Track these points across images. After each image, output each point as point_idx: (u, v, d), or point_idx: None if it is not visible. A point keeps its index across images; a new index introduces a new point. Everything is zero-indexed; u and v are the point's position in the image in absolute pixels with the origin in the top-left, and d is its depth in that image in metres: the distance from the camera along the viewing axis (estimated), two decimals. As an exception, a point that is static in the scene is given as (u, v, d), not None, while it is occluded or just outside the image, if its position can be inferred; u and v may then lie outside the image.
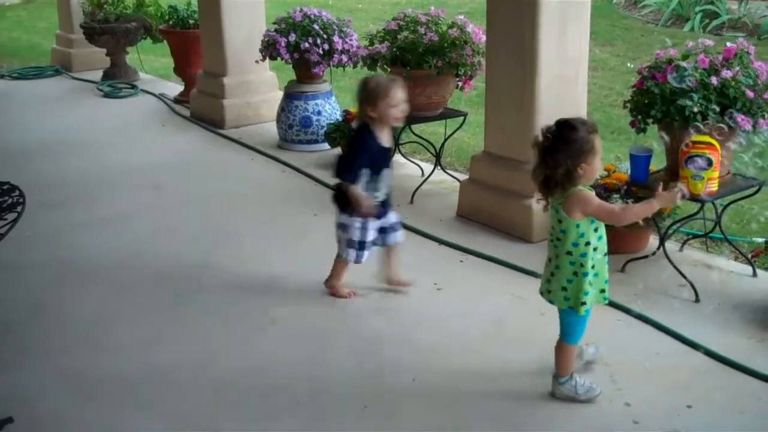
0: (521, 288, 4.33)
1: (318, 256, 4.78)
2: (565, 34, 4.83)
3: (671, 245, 4.62)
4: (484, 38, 5.34)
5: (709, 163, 3.99)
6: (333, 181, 4.25)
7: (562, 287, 3.25)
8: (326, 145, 6.54)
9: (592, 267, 3.22)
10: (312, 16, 6.58)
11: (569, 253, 3.21)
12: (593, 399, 3.35)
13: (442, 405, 3.41)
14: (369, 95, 3.96)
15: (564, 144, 3.11)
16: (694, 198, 4.06)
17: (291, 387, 3.55)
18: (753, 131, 4.18)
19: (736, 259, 4.67)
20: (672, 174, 4.26)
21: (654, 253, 4.45)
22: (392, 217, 4.25)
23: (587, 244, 3.19)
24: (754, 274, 4.42)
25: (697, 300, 4.16)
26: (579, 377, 3.37)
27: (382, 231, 4.21)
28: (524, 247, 4.79)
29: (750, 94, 4.16)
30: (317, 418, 3.35)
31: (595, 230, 3.22)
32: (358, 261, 4.18)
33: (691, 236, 4.82)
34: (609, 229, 3.32)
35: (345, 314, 4.16)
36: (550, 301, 3.33)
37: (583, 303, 3.22)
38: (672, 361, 3.67)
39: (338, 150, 6.37)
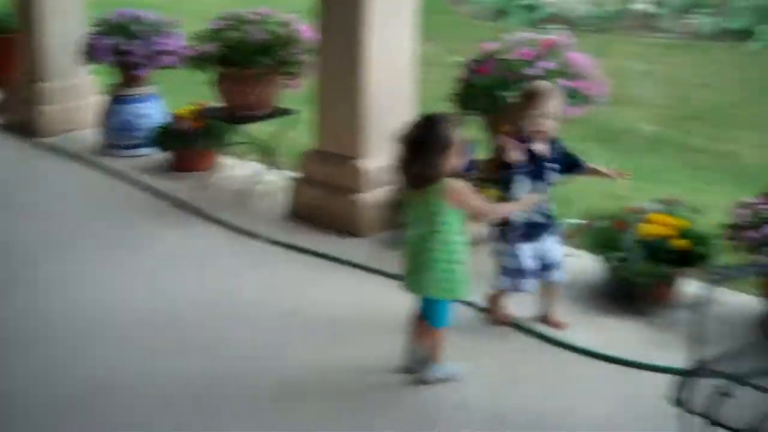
0: (355, 282, 4.39)
1: (147, 266, 4.69)
2: (393, 30, 4.91)
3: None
4: (312, 36, 5.35)
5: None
6: None
7: (439, 279, 3.31)
8: (154, 150, 6.37)
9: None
10: (134, 17, 6.41)
11: (449, 243, 3.29)
12: (459, 378, 3.48)
13: (268, 408, 3.38)
14: (520, 100, 3.72)
15: (433, 139, 3.19)
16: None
17: (117, 399, 3.45)
18: (569, 118, 4.39)
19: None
20: (496, 164, 4.41)
21: (481, 241, 4.59)
22: (554, 251, 3.83)
23: (462, 234, 3.31)
24: (572, 254, 4.60)
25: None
26: (445, 362, 3.48)
27: (545, 266, 3.83)
28: (355, 242, 4.85)
29: (566, 83, 4.36)
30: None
31: (466, 221, 3.36)
32: (516, 289, 3.83)
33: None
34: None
35: (172, 323, 4.05)
36: (423, 295, 3.38)
37: (461, 289, 3.36)
38: (497, 343, 3.81)
39: (168, 154, 6.25)
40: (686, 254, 3.92)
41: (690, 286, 4.02)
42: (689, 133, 7.01)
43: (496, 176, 3.76)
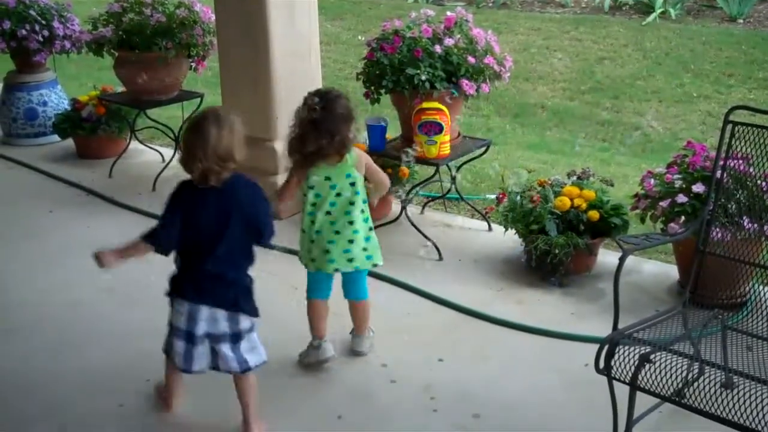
0: (272, 265, 4.33)
1: (53, 256, 4.54)
2: (294, 10, 4.85)
3: (413, 209, 4.80)
4: (213, 17, 5.25)
5: (440, 128, 4.18)
6: None
7: (363, 248, 3.33)
8: (56, 137, 6.18)
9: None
10: (27, 2, 6.19)
11: (363, 210, 3.31)
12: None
13: (199, 394, 3.31)
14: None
15: (333, 113, 3.17)
16: (429, 162, 4.26)
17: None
18: (476, 95, 4.43)
19: (472, 216, 4.93)
20: (407, 141, 4.43)
21: (398, 218, 4.61)
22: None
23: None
24: (490, 229, 4.70)
25: (441, 258, 4.36)
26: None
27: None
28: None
29: (471, 59, 4.39)
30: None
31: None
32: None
33: (430, 198, 5.03)
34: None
35: (83, 313, 3.96)
36: (356, 268, 3.35)
37: (379, 256, 3.39)
38: (422, 319, 3.82)
39: (70, 141, 6.06)
40: (600, 225, 4.02)
41: (607, 257, 4.13)
42: (596, 106, 7.16)
43: None
